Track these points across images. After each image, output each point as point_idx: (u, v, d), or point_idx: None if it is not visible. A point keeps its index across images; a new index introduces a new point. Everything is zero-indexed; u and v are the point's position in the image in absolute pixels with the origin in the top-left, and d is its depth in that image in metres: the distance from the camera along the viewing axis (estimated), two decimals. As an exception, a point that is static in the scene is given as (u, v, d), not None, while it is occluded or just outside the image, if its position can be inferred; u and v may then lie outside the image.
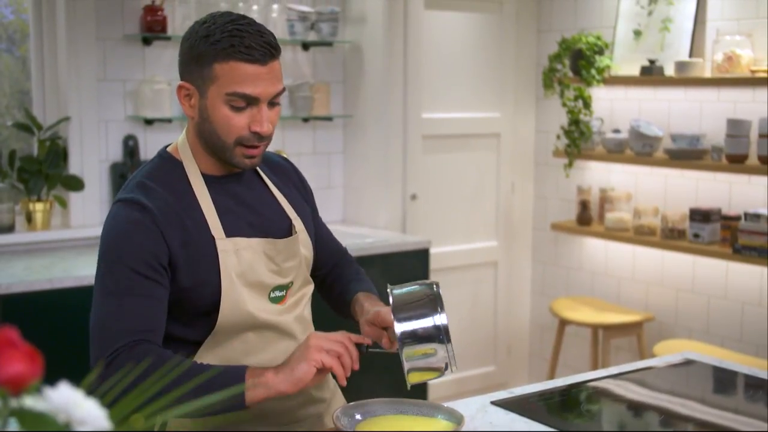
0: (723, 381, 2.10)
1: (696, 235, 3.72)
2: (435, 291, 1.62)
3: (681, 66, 3.74)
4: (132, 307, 1.58)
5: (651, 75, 3.86)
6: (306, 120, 4.14)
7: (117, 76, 3.70)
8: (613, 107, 4.24)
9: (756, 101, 3.63)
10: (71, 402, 0.73)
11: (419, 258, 3.81)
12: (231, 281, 1.65)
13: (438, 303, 1.59)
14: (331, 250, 1.97)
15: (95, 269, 1.64)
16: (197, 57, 1.62)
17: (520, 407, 1.81)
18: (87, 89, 3.63)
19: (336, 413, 1.57)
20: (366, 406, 1.64)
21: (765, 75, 3.47)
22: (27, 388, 0.73)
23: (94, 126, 3.66)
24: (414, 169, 4.23)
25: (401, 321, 1.57)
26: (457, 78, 4.38)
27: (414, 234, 4.16)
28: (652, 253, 4.08)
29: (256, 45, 1.59)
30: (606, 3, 4.23)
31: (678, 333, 4.00)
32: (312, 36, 4.06)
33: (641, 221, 3.97)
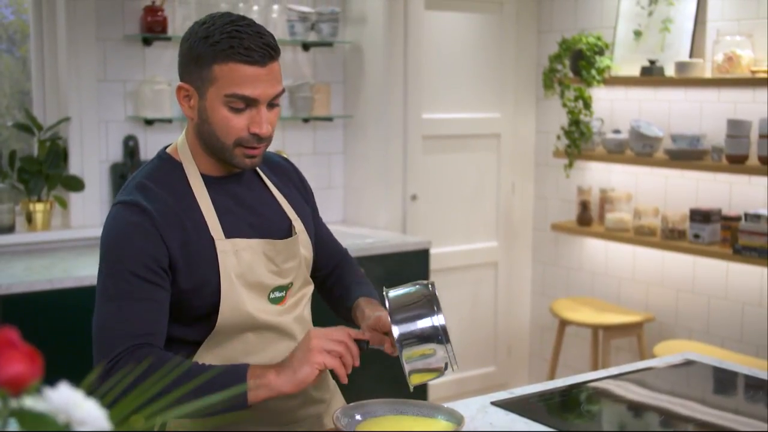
0: (723, 381, 2.10)
1: (696, 236, 3.72)
2: (431, 291, 1.62)
3: (681, 66, 3.74)
4: (132, 311, 1.58)
5: (651, 75, 3.86)
6: (306, 120, 4.14)
7: (117, 76, 3.70)
8: (614, 108, 4.24)
9: (756, 102, 3.63)
10: (71, 402, 0.73)
11: (419, 258, 3.81)
12: (230, 282, 1.65)
13: (434, 303, 1.59)
14: (332, 250, 1.97)
15: (96, 271, 1.65)
16: (196, 58, 1.61)
17: (520, 408, 1.81)
18: (87, 89, 3.63)
19: (336, 414, 1.57)
20: (366, 406, 1.64)
21: (765, 75, 3.47)
22: (27, 388, 0.73)
23: (94, 126, 3.66)
24: (414, 170, 4.23)
25: (398, 323, 1.57)
26: (458, 78, 4.38)
27: (414, 234, 4.16)
28: (652, 254, 4.08)
29: (255, 46, 1.59)
30: (606, 3, 4.23)
31: (678, 333, 4.00)
32: (312, 36, 4.06)
33: (641, 222, 3.97)
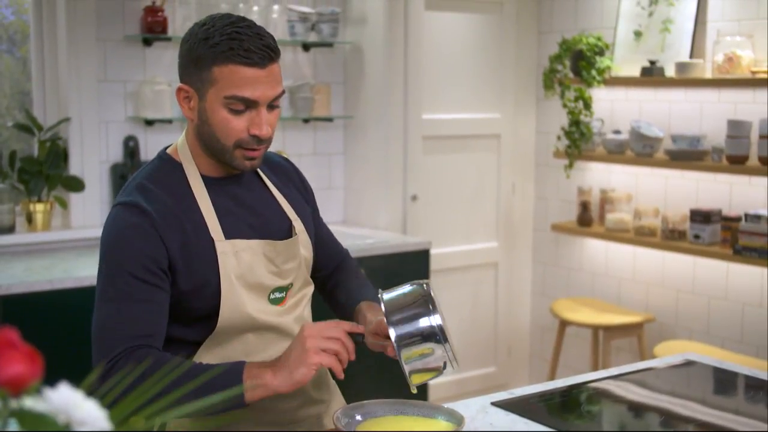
0: (723, 382, 2.10)
1: (696, 236, 3.71)
2: (426, 290, 1.61)
3: (681, 67, 3.74)
4: (131, 313, 1.58)
5: (651, 76, 3.86)
6: (306, 121, 4.14)
7: (117, 76, 3.70)
8: (614, 108, 4.24)
9: (756, 102, 3.63)
10: (71, 403, 0.73)
11: (420, 259, 3.81)
12: (231, 283, 1.65)
13: (430, 302, 1.58)
14: (332, 251, 1.97)
15: (96, 271, 1.65)
16: (196, 60, 1.61)
17: (520, 408, 1.81)
18: (87, 90, 3.63)
19: (336, 414, 1.57)
20: (366, 407, 1.64)
21: (765, 76, 3.47)
22: (27, 388, 0.73)
23: (94, 127, 3.66)
24: (414, 170, 4.23)
25: (394, 325, 1.56)
26: (458, 79, 4.38)
27: (414, 235, 4.16)
28: (652, 254, 4.08)
29: (255, 48, 1.59)
30: (606, 4, 4.23)
31: (678, 334, 4.00)
32: (312, 37, 4.06)
33: (642, 222, 3.97)
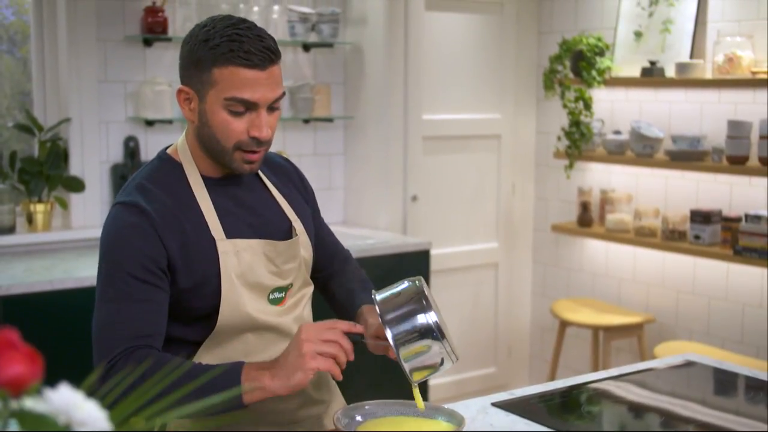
0: (724, 382, 2.10)
1: (696, 237, 3.71)
2: (419, 287, 1.59)
3: (682, 67, 3.74)
4: (131, 313, 1.58)
5: (652, 76, 3.86)
6: (307, 121, 4.14)
7: (118, 77, 3.70)
8: (614, 108, 4.24)
9: (756, 102, 3.63)
10: (71, 403, 0.73)
11: (420, 259, 3.81)
12: (231, 282, 1.65)
13: (423, 298, 1.57)
14: (332, 252, 1.97)
15: (96, 272, 1.65)
16: (196, 61, 1.61)
17: (520, 409, 1.81)
18: (88, 90, 3.63)
19: (336, 414, 1.57)
20: (366, 407, 1.64)
21: (766, 76, 3.47)
22: (27, 389, 0.73)
23: (94, 127, 3.66)
24: (414, 171, 4.23)
25: (389, 325, 1.55)
26: (458, 79, 4.38)
27: (415, 235, 4.16)
28: (652, 255, 4.08)
29: (255, 50, 1.59)
30: (607, 4, 4.23)
31: (679, 334, 4.00)
32: (313, 37, 4.06)
33: (642, 222, 3.97)
